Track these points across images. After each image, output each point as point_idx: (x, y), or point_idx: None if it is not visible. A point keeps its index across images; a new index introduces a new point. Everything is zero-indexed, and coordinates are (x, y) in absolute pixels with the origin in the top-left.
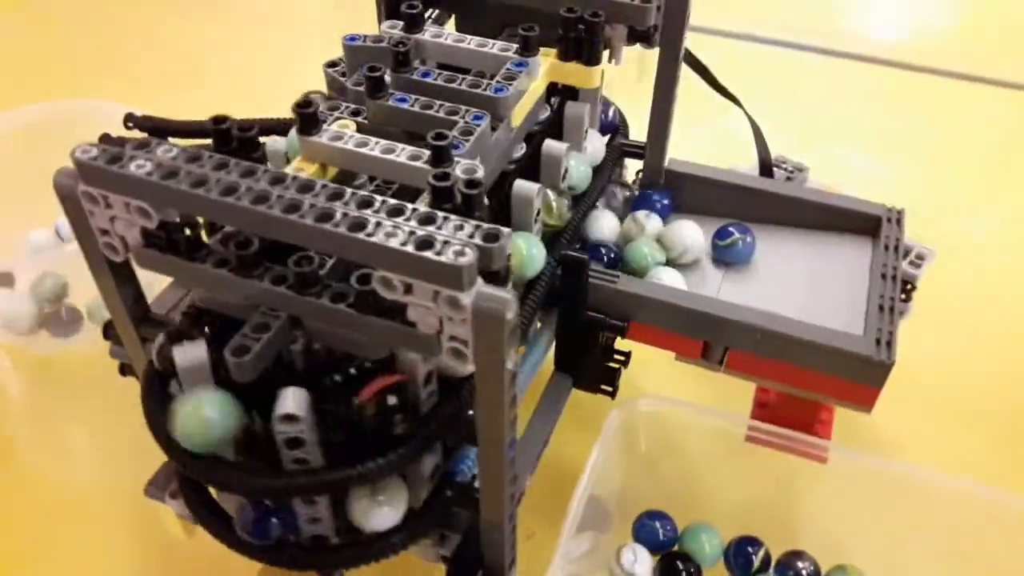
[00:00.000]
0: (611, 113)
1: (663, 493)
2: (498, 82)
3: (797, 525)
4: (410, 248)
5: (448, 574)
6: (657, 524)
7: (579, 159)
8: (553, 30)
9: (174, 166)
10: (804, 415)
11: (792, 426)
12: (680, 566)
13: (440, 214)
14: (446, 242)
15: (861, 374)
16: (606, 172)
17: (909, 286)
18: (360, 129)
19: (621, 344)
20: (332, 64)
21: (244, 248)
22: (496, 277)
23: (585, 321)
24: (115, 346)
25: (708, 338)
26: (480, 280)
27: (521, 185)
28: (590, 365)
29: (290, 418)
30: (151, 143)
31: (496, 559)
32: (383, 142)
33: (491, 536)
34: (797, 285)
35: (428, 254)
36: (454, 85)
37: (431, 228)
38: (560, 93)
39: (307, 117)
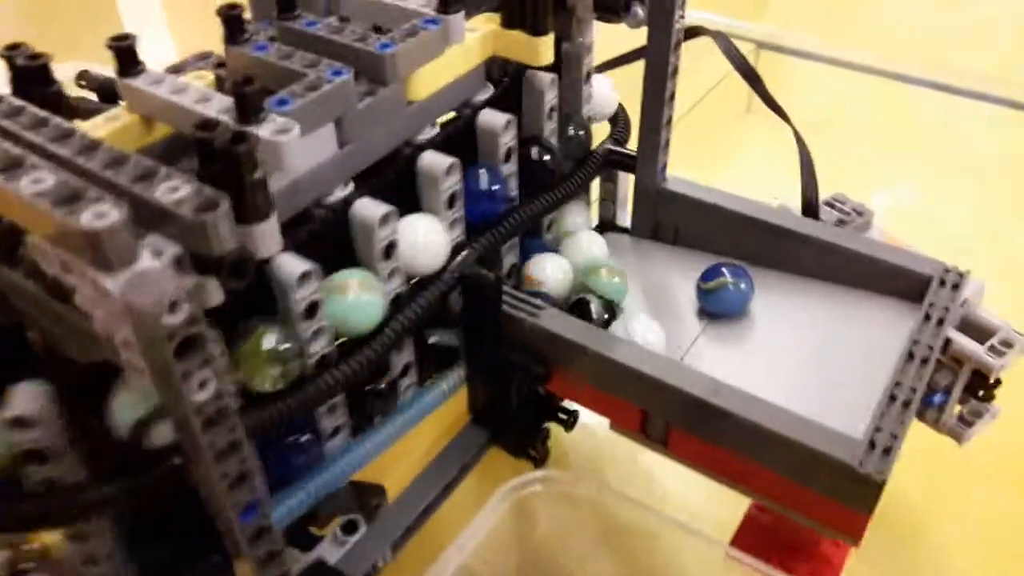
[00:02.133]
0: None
1: None
2: (390, 38)
3: None
4: (45, 202)
5: None
6: None
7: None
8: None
9: None
10: (798, 547)
11: (779, 560)
12: None
13: (165, 170)
14: (101, 198)
15: (839, 490)
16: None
17: (993, 380)
18: (218, 82)
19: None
20: None
21: None
22: (218, 268)
23: (498, 362)
24: None
25: (643, 405)
26: (149, 259)
27: None
28: (512, 420)
29: (21, 422)
30: None
31: None
32: (203, 90)
33: None
34: (800, 357)
35: (59, 211)
36: (336, 37)
37: (138, 186)
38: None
39: (122, 52)
